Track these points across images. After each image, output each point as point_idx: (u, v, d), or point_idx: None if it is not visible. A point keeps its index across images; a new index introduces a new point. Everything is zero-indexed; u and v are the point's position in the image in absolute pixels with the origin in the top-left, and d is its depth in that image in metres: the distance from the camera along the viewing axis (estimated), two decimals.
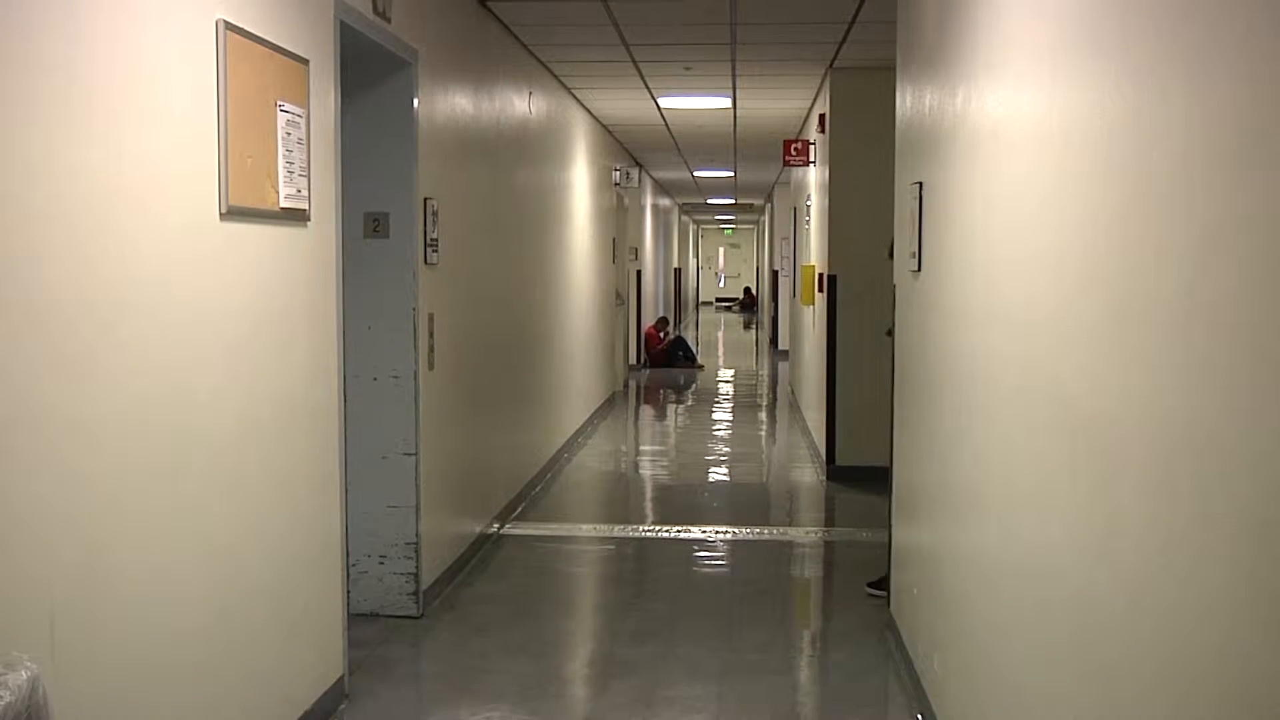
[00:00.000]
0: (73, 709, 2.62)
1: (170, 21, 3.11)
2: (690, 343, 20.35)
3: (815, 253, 10.30)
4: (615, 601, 6.23)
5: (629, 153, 14.76)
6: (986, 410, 3.38)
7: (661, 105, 10.64)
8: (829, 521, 7.99)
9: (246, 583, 3.62)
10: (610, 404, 13.51)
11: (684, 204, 27.07)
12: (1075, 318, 2.48)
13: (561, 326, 9.94)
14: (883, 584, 5.69)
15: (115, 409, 2.86)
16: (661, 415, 14.03)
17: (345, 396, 4.59)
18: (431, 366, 5.53)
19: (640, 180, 16.23)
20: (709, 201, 25.50)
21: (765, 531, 7.44)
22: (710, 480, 9.23)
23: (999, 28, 3.31)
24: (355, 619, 5.13)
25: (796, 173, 12.78)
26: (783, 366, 18.30)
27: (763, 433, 12.43)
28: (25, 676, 2.24)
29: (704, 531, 7.29)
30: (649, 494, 9.19)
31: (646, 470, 10.13)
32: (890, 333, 5.44)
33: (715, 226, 40.20)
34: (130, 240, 2.92)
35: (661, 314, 21.49)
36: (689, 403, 14.56)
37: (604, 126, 12.41)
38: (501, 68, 7.31)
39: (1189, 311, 1.87)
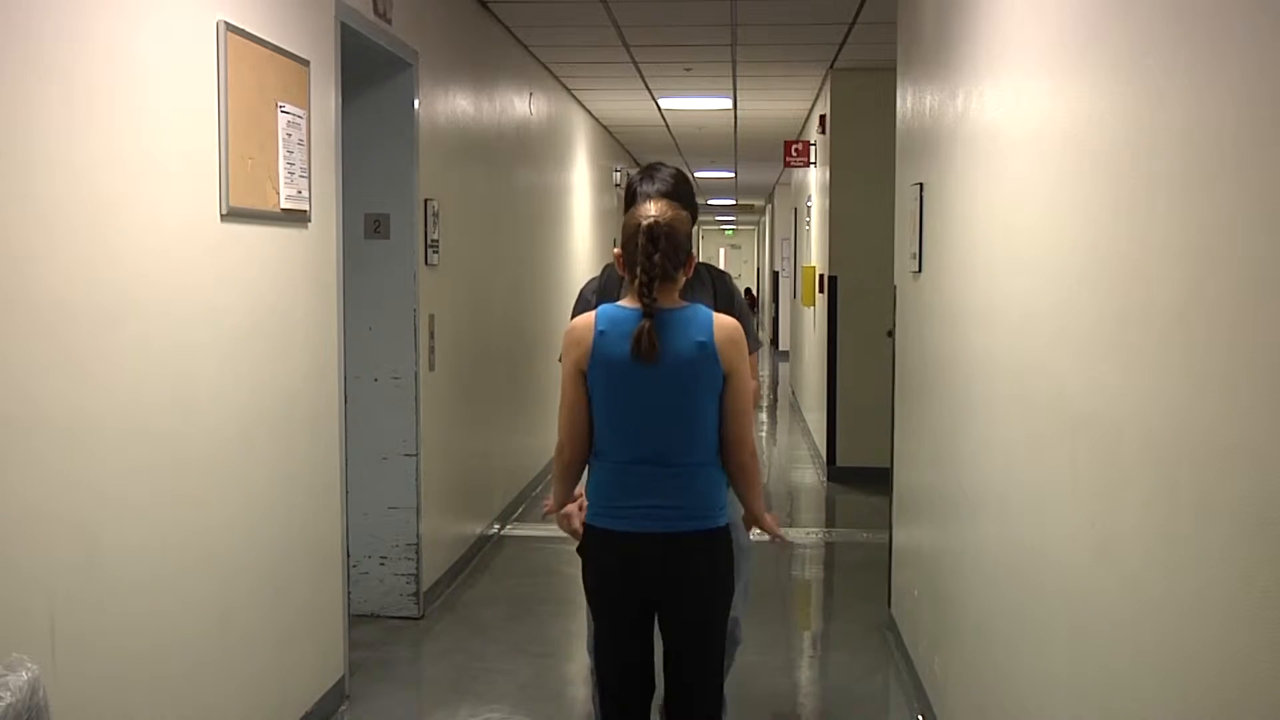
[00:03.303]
0: (73, 710, 2.62)
1: (171, 23, 3.11)
2: None
3: (816, 254, 10.30)
4: None
5: (630, 154, 14.75)
6: (987, 411, 3.38)
7: (662, 106, 10.64)
8: (829, 522, 7.99)
9: (247, 583, 3.62)
10: None
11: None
12: (1075, 319, 2.48)
13: (562, 327, 9.91)
14: None
15: (116, 409, 2.86)
16: None
17: (346, 397, 4.59)
18: (432, 367, 5.53)
19: None
20: (710, 202, 25.48)
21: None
22: None
23: (999, 29, 3.31)
24: (356, 620, 5.13)
25: (797, 174, 12.78)
26: (783, 367, 18.28)
27: (763, 433, 12.42)
28: (26, 678, 2.24)
29: None
30: None
31: None
32: (891, 334, 5.44)
33: (716, 227, 40.18)
34: (131, 241, 2.92)
35: None
36: None
37: (604, 127, 12.40)
38: (502, 68, 7.31)
39: (1189, 312, 1.86)
